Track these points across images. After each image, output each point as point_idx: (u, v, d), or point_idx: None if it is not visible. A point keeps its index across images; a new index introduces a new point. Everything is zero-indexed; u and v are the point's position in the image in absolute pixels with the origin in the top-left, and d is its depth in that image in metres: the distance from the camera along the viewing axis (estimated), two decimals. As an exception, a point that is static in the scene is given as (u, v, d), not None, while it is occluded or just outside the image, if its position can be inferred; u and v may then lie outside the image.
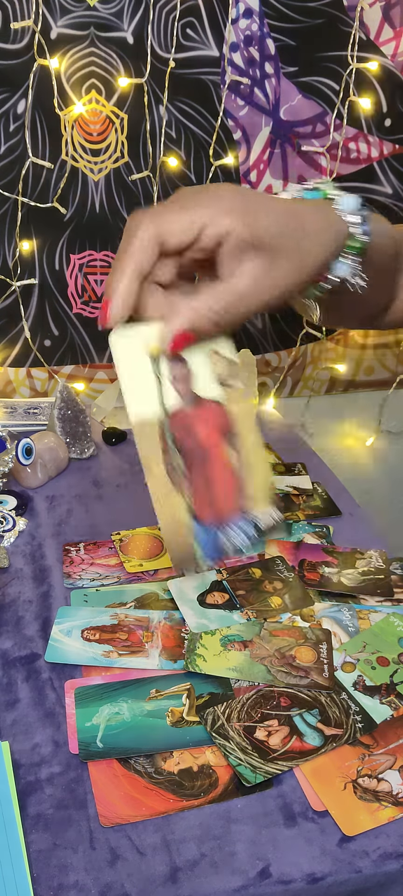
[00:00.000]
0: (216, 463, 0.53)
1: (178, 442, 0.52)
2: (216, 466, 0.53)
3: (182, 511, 0.52)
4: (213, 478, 0.53)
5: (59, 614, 0.77)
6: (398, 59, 1.31)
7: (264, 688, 0.67)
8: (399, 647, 0.72)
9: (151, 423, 0.52)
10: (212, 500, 0.53)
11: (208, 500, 0.53)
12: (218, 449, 0.54)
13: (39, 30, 1.15)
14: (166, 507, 0.52)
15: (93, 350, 1.37)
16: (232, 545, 0.54)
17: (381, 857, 0.53)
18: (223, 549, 0.54)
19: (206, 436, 0.53)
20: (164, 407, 0.52)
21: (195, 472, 0.53)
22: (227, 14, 1.22)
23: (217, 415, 0.54)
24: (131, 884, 0.51)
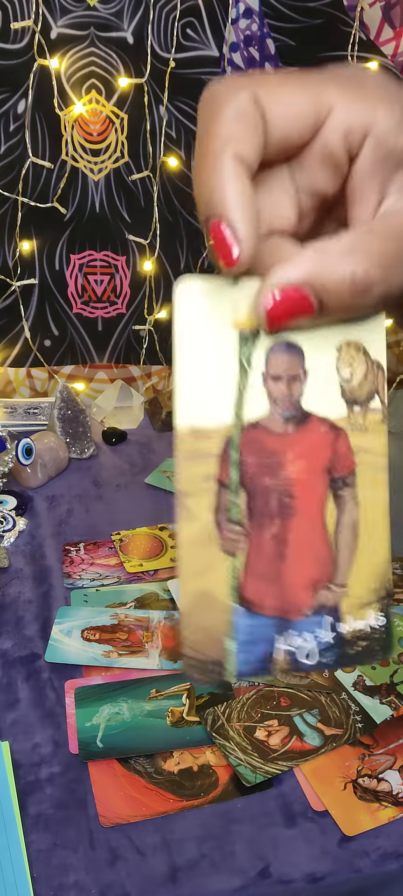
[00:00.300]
0: (304, 521, 0.33)
1: (247, 473, 0.32)
2: (302, 527, 0.33)
3: (222, 585, 0.32)
4: (292, 544, 0.33)
5: (59, 614, 0.77)
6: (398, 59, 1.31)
7: (264, 688, 0.67)
8: (399, 647, 0.72)
9: (211, 437, 0.32)
10: (281, 579, 0.33)
11: (273, 577, 0.33)
12: (315, 501, 0.33)
13: (39, 30, 1.15)
14: (197, 571, 0.32)
15: (93, 350, 1.37)
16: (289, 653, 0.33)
17: (381, 857, 0.53)
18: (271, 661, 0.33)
19: (301, 476, 0.33)
20: (240, 414, 0.33)
21: (264, 527, 0.33)
22: (227, 14, 1.22)
23: (326, 447, 0.34)
24: (131, 884, 0.51)
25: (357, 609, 0.34)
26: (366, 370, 0.34)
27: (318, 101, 0.29)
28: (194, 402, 0.32)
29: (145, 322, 1.36)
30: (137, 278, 1.32)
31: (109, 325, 1.35)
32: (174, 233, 1.30)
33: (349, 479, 0.34)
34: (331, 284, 0.29)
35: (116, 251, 1.30)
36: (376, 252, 0.30)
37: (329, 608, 0.33)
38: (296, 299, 0.30)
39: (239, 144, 0.28)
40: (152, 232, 1.29)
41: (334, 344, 0.33)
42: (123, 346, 1.37)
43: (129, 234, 1.29)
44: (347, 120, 0.29)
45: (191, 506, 0.32)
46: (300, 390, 0.33)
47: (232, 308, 0.32)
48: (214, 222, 0.29)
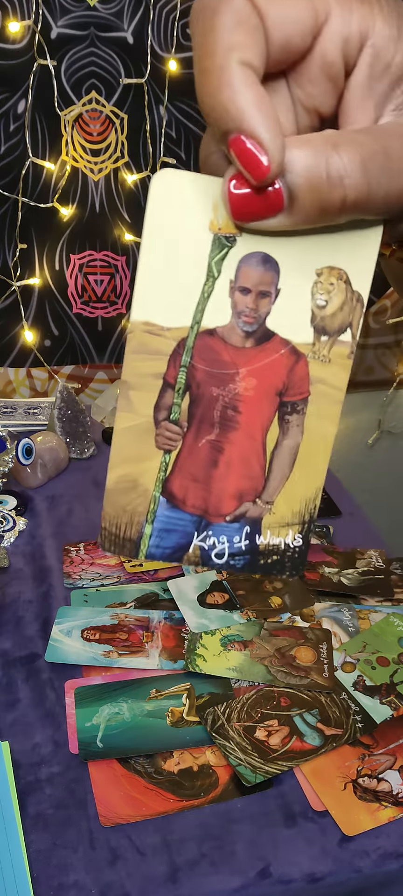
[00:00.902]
0: (244, 438, 0.34)
1: (196, 379, 0.33)
2: (241, 442, 0.34)
3: (149, 475, 0.34)
4: (227, 456, 0.34)
5: (59, 614, 0.77)
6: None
7: (264, 688, 0.67)
8: (399, 647, 0.72)
9: (164, 335, 0.32)
10: (209, 482, 0.34)
11: (202, 479, 0.34)
12: (259, 421, 0.34)
13: (39, 30, 1.15)
14: (128, 458, 0.34)
15: (93, 350, 1.37)
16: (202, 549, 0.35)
17: (381, 857, 0.53)
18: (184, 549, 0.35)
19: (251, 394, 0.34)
20: (199, 319, 0.32)
21: (203, 433, 0.33)
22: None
23: (283, 370, 0.33)
24: (131, 884, 0.51)
25: (278, 527, 0.35)
26: (344, 301, 0.33)
27: (316, 4, 0.28)
28: (153, 297, 0.31)
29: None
30: (137, 278, 1.32)
31: (109, 325, 1.35)
32: (174, 233, 1.30)
33: (298, 406, 0.34)
34: (305, 170, 0.28)
35: (116, 251, 1.30)
36: (359, 151, 0.28)
37: (250, 519, 0.35)
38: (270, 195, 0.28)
39: (244, 51, 0.27)
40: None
41: (315, 266, 0.32)
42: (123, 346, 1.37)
43: (129, 234, 1.29)
44: (345, 25, 0.28)
45: (133, 398, 0.33)
46: (267, 308, 0.32)
47: (210, 208, 0.31)
48: (234, 138, 0.27)
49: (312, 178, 0.28)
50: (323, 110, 0.30)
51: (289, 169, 0.28)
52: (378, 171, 0.28)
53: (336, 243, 0.32)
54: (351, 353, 0.33)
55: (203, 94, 0.27)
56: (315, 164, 0.27)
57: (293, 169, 0.27)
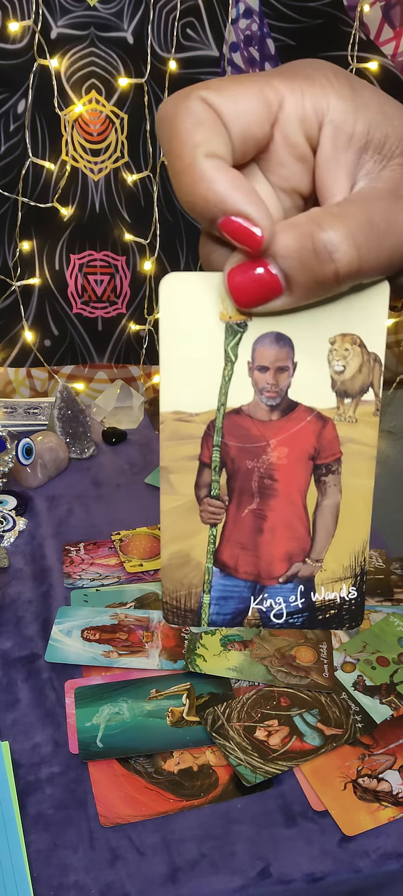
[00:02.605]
0: (285, 504, 0.36)
1: (230, 456, 0.35)
2: (283, 508, 0.36)
3: (200, 548, 0.36)
4: (271, 523, 0.36)
5: (59, 614, 0.77)
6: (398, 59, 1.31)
7: (264, 688, 0.67)
8: (399, 647, 0.72)
9: (194, 421, 0.35)
10: (257, 549, 0.36)
11: (250, 548, 0.36)
12: (297, 486, 0.36)
13: (39, 30, 1.15)
14: (177, 536, 0.36)
15: (93, 350, 1.37)
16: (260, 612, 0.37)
17: (381, 857, 0.53)
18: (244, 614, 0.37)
19: (284, 462, 0.35)
20: (224, 401, 0.35)
21: (244, 504, 0.36)
22: (227, 14, 1.22)
23: (312, 435, 0.35)
24: (131, 884, 0.51)
25: (331, 583, 0.37)
26: (361, 363, 0.34)
27: (266, 94, 0.29)
28: (178, 388, 0.34)
29: (145, 322, 1.36)
30: (137, 278, 1.32)
31: (109, 325, 1.35)
32: (174, 233, 1.30)
33: (333, 467, 0.36)
34: (295, 253, 0.29)
35: (116, 251, 1.30)
36: (343, 223, 0.29)
37: (303, 578, 0.37)
38: (260, 275, 0.29)
39: (208, 145, 0.28)
40: (152, 232, 1.29)
41: (327, 335, 0.34)
42: (123, 346, 1.37)
43: (129, 234, 1.29)
44: (299, 108, 0.30)
45: (173, 481, 0.35)
46: (287, 381, 0.34)
47: (218, 301, 0.33)
48: (223, 221, 0.28)
49: (302, 259, 0.29)
50: (301, 189, 0.32)
51: (280, 254, 0.29)
52: (364, 238, 0.29)
53: (344, 310, 0.33)
54: (377, 411, 0.35)
55: (182, 195, 0.29)
56: (302, 245, 0.29)
57: (283, 253, 0.29)
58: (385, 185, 0.31)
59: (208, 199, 0.28)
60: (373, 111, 0.30)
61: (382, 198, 0.30)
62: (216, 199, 0.28)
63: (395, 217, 0.30)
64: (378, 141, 0.30)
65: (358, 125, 0.30)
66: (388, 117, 0.31)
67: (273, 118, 0.30)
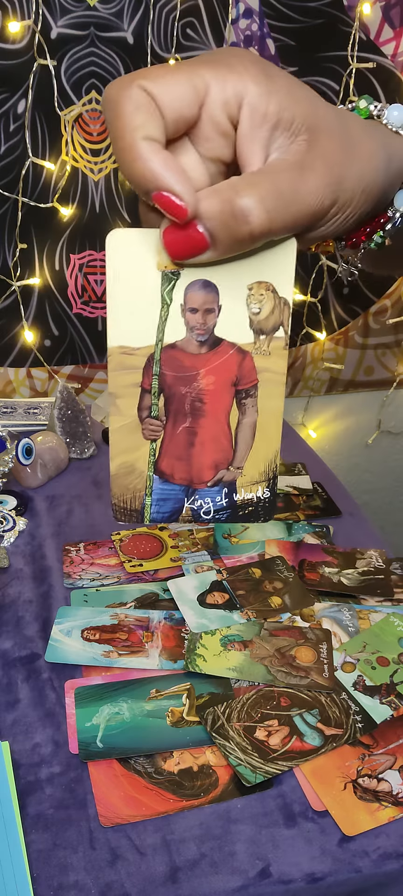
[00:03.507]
0: (212, 422, 0.43)
1: (167, 383, 0.42)
2: (210, 426, 0.43)
3: (142, 459, 0.43)
4: (201, 437, 0.43)
5: (59, 614, 0.77)
6: (398, 59, 1.31)
7: (264, 688, 0.67)
8: (399, 647, 0.72)
9: (136, 354, 0.41)
10: (189, 459, 0.44)
11: (184, 457, 0.44)
12: (221, 407, 0.43)
13: (39, 30, 1.15)
14: (124, 450, 0.43)
15: (93, 350, 1.37)
16: (192, 510, 0.45)
17: (381, 857, 0.53)
18: (179, 512, 0.45)
19: (211, 387, 0.43)
20: (161, 338, 0.41)
21: (179, 422, 0.43)
22: (227, 14, 1.22)
23: (234, 365, 0.42)
24: (131, 884, 0.51)
25: (248, 485, 0.45)
26: (274, 306, 0.41)
27: (195, 82, 0.35)
28: (121, 327, 0.40)
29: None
30: (137, 278, 1.32)
31: (109, 325, 1.35)
32: (174, 233, 1.30)
33: (251, 391, 0.43)
34: (217, 215, 0.35)
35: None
36: (256, 190, 0.35)
37: (226, 482, 0.45)
38: (189, 233, 0.35)
39: (145, 128, 0.34)
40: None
41: (245, 283, 0.40)
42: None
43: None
44: (222, 93, 0.35)
45: (120, 405, 0.42)
46: (214, 321, 0.41)
47: (156, 253, 0.39)
48: (155, 195, 0.34)
49: (224, 220, 0.35)
50: (224, 159, 0.38)
51: (205, 216, 0.35)
52: (273, 203, 0.35)
53: (260, 262, 0.40)
54: (286, 345, 0.42)
55: (122, 168, 0.35)
56: (223, 209, 0.35)
57: (208, 215, 0.35)
58: (292, 158, 0.36)
59: (144, 176, 0.34)
60: (284, 94, 0.36)
61: (290, 169, 0.36)
62: (151, 175, 0.34)
63: (299, 186, 0.36)
64: (287, 120, 0.36)
65: (271, 106, 0.35)
66: (296, 100, 0.37)
67: (200, 102, 0.35)
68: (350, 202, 0.39)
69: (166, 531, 0.93)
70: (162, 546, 0.90)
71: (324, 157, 0.37)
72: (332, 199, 0.38)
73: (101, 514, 0.98)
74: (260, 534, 0.92)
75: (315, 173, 0.37)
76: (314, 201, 0.37)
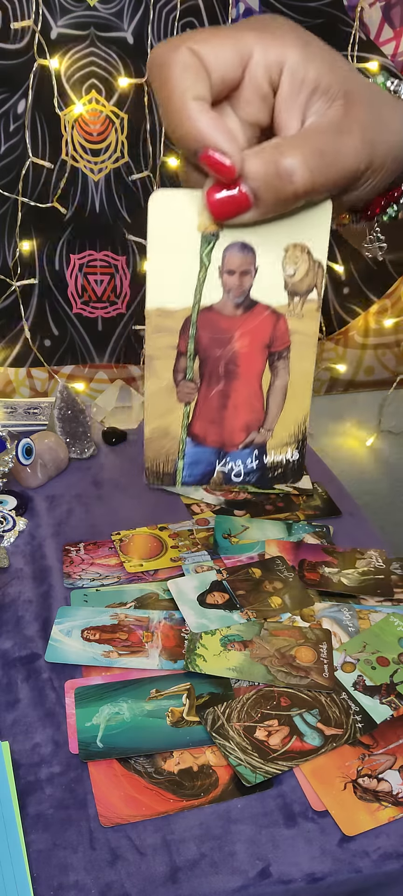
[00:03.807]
0: (245, 384, 0.43)
1: (202, 345, 0.42)
2: (243, 388, 0.43)
3: (176, 424, 0.44)
4: (233, 400, 0.44)
5: (59, 614, 0.77)
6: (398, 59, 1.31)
7: (264, 688, 0.67)
8: (399, 647, 0.72)
9: (173, 316, 0.41)
10: (222, 422, 0.44)
11: (217, 420, 0.44)
12: (254, 369, 0.43)
13: (39, 30, 1.15)
14: (158, 414, 0.43)
15: (93, 350, 1.37)
16: (223, 473, 0.45)
17: (381, 857, 0.53)
18: (211, 475, 0.45)
19: (245, 350, 0.43)
20: (199, 299, 0.41)
21: (212, 386, 0.43)
22: (227, 14, 1.22)
23: (268, 327, 0.42)
24: (131, 884, 0.51)
25: (278, 447, 0.46)
26: (308, 268, 0.42)
27: (240, 46, 0.36)
28: (161, 289, 0.40)
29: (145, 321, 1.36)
30: (137, 278, 1.32)
31: (109, 325, 1.35)
32: (174, 233, 1.30)
33: (284, 353, 0.43)
34: (261, 175, 0.36)
35: (116, 251, 1.30)
36: (300, 151, 0.36)
37: (257, 444, 0.45)
38: (233, 193, 0.36)
39: (194, 88, 0.35)
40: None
41: (282, 245, 0.41)
42: (123, 346, 1.37)
43: (129, 234, 1.29)
44: (265, 58, 0.37)
45: (156, 367, 0.42)
46: (250, 283, 0.41)
47: (196, 214, 0.39)
48: (203, 155, 0.35)
49: (268, 180, 0.36)
50: (262, 123, 0.39)
51: (250, 176, 0.36)
52: (316, 162, 0.37)
53: (296, 224, 0.40)
54: (318, 308, 0.43)
55: (171, 129, 0.36)
56: (268, 170, 0.36)
57: (252, 175, 0.36)
58: (330, 122, 0.38)
59: (193, 135, 0.35)
60: (321, 62, 0.38)
61: (329, 131, 0.37)
62: (200, 135, 0.35)
63: (339, 147, 0.38)
64: (325, 86, 0.38)
65: (310, 72, 0.37)
66: (333, 67, 0.38)
67: (244, 65, 0.37)
68: (382, 166, 0.40)
69: (166, 531, 0.93)
70: (162, 546, 0.90)
71: (360, 122, 0.38)
72: (367, 161, 0.39)
73: (101, 514, 0.98)
74: (260, 534, 0.92)
75: (352, 136, 0.38)
76: (352, 162, 0.38)
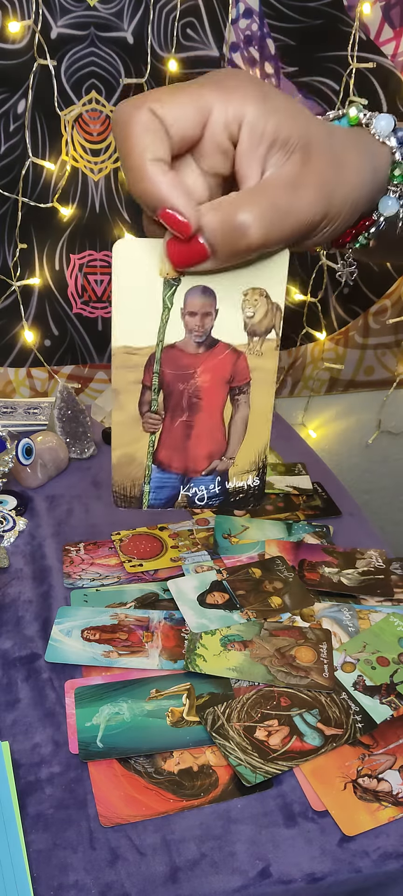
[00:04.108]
0: (207, 416, 0.47)
1: (166, 380, 0.45)
2: (205, 420, 0.47)
3: (142, 451, 0.47)
4: (196, 430, 0.47)
5: (59, 614, 0.77)
6: (398, 59, 1.31)
7: (264, 688, 0.67)
8: (399, 647, 0.72)
9: (138, 353, 0.44)
10: (186, 450, 0.47)
11: (181, 448, 0.47)
12: (216, 403, 0.46)
13: (39, 30, 1.15)
14: (125, 443, 0.46)
15: (93, 350, 1.37)
16: (187, 496, 0.48)
17: (381, 857, 0.53)
18: (175, 499, 0.48)
19: (207, 385, 0.46)
20: (162, 339, 0.44)
21: (176, 417, 0.46)
22: (227, 14, 1.22)
23: (229, 364, 0.46)
24: (131, 884, 0.51)
25: (240, 474, 0.49)
26: (267, 310, 0.44)
27: (200, 104, 0.38)
28: (125, 329, 0.43)
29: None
30: (137, 278, 1.32)
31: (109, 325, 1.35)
32: (174, 233, 1.30)
33: (244, 388, 0.47)
34: (217, 229, 0.38)
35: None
36: (255, 206, 0.38)
37: (219, 471, 0.48)
38: (191, 245, 0.39)
39: (153, 149, 0.36)
40: (152, 232, 1.29)
41: (241, 289, 0.44)
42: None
43: (129, 234, 1.29)
44: (224, 115, 0.38)
45: (122, 400, 0.45)
46: (211, 323, 0.44)
47: (158, 261, 0.42)
48: (161, 213, 0.37)
49: (224, 234, 0.38)
50: (223, 174, 0.40)
51: (207, 229, 0.38)
52: (271, 217, 0.38)
53: (255, 270, 0.43)
54: (277, 347, 0.46)
55: (130, 186, 0.38)
56: (224, 225, 0.38)
57: (209, 229, 0.38)
58: (287, 175, 0.39)
59: (151, 195, 0.37)
60: (280, 114, 0.39)
61: (285, 185, 0.39)
62: (158, 195, 0.37)
63: (294, 202, 0.39)
64: (284, 138, 0.39)
65: (269, 126, 0.38)
66: (292, 119, 0.39)
67: (204, 122, 0.38)
68: (338, 215, 0.42)
69: (166, 531, 0.93)
70: (162, 546, 0.90)
71: (316, 175, 0.40)
72: (323, 213, 0.41)
73: (101, 514, 0.98)
74: (260, 534, 0.92)
75: (308, 190, 0.40)
76: (307, 216, 0.40)
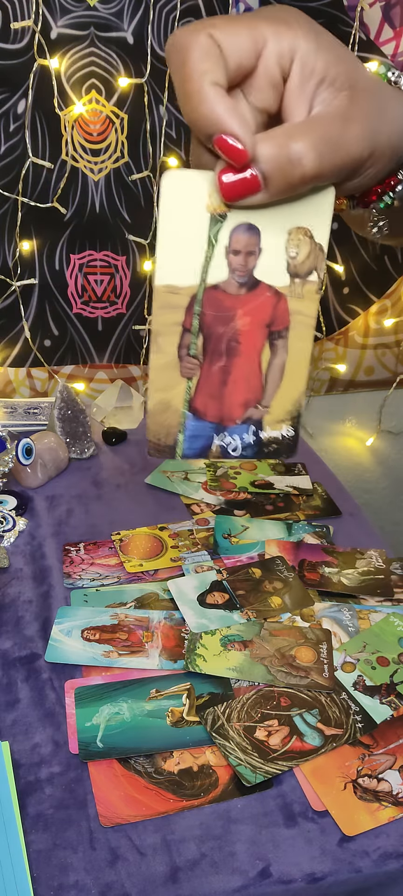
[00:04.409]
0: (245, 362, 0.45)
1: (206, 323, 0.43)
2: (243, 365, 0.45)
3: (178, 398, 0.45)
4: (234, 376, 0.45)
5: (59, 614, 0.77)
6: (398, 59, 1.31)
7: (264, 688, 0.67)
8: (399, 647, 0.72)
9: (180, 293, 0.43)
10: (222, 397, 0.46)
11: (217, 396, 0.46)
12: (255, 347, 0.45)
13: (39, 30, 1.15)
14: (161, 388, 0.45)
15: (93, 350, 1.37)
16: (221, 447, 0.47)
17: (381, 857, 0.53)
18: (209, 448, 0.47)
19: (247, 328, 0.44)
20: (205, 278, 0.43)
21: (214, 362, 0.45)
22: (227, 14, 1.22)
23: (270, 307, 0.44)
24: (131, 884, 0.51)
25: (274, 423, 0.47)
26: (310, 251, 0.43)
27: (255, 35, 0.38)
28: (169, 266, 0.42)
29: (145, 322, 1.36)
30: (137, 278, 1.32)
31: (109, 325, 1.35)
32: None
33: (283, 333, 0.45)
34: (272, 159, 0.38)
35: (116, 251, 1.30)
36: (309, 136, 0.38)
37: (254, 420, 0.47)
38: (244, 176, 0.38)
39: (212, 74, 0.36)
40: (152, 232, 1.29)
41: (286, 227, 0.42)
42: (123, 346, 1.37)
43: (129, 234, 1.29)
44: (278, 47, 0.38)
45: (161, 343, 0.44)
46: (254, 263, 0.43)
47: (206, 195, 0.40)
48: (217, 138, 0.37)
49: (279, 163, 0.38)
50: (271, 110, 0.40)
51: (261, 159, 0.37)
52: (324, 148, 0.38)
53: (300, 208, 0.42)
54: (319, 290, 0.44)
55: (187, 111, 0.37)
56: (279, 153, 0.37)
57: (264, 159, 0.37)
58: (336, 111, 0.39)
59: (209, 119, 0.36)
60: (331, 53, 0.39)
61: (335, 119, 0.39)
62: (216, 119, 0.36)
63: (345, 135, 0.39)
64: (332, 76, 0.39)
65: (319, 63, 0.39)
66: (340, 59, 0.40)
67: (258, 53, 0.38)
68: (383, 156, 0.42)
69: (166, 531, 0.93)
70: (162, 546, 0.90)
71: (363, 112, 0.40)
72: (370, 149, 0.41)
73: (101, 514, 0.99)
74: (260, 534, 0.92)
75: (356, 124, 0.40)
76: (356, 150, 0.40)
